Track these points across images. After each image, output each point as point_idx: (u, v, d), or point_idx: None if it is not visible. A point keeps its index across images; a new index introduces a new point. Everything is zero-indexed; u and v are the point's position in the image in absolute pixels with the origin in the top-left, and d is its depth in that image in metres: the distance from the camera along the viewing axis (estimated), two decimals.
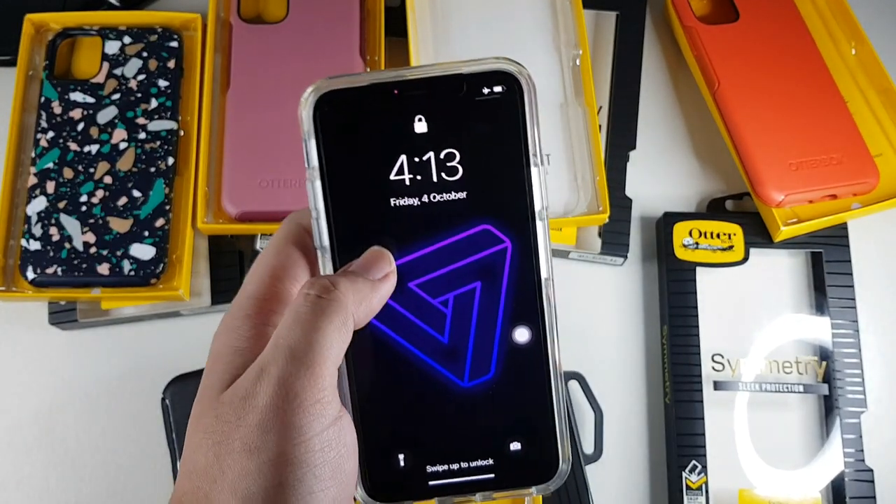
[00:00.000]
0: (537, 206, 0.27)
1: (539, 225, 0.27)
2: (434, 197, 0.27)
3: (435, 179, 0.27)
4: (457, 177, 0.27)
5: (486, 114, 0.27)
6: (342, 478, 0.24)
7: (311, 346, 0.23)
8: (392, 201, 0.27)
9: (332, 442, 0.23)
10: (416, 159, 0.27)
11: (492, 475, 0.27)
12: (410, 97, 0.26)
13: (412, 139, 0.27)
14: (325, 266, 0.27)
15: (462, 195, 0.27)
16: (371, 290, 0.25)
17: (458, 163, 0.27)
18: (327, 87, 0.26)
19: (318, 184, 0.26)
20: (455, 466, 0.27)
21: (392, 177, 0.27)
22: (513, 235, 0.27)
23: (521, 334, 0.27)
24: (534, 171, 0.27)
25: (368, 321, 0.26)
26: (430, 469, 0.27)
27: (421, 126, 0.27)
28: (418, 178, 0.27)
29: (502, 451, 0.27)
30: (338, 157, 0.27)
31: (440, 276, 0.27)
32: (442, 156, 0.27)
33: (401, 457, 0.27)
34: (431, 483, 0.27)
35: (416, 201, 0.27)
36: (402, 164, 0.27)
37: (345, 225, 0.27)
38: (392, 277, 0.26)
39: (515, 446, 0.27)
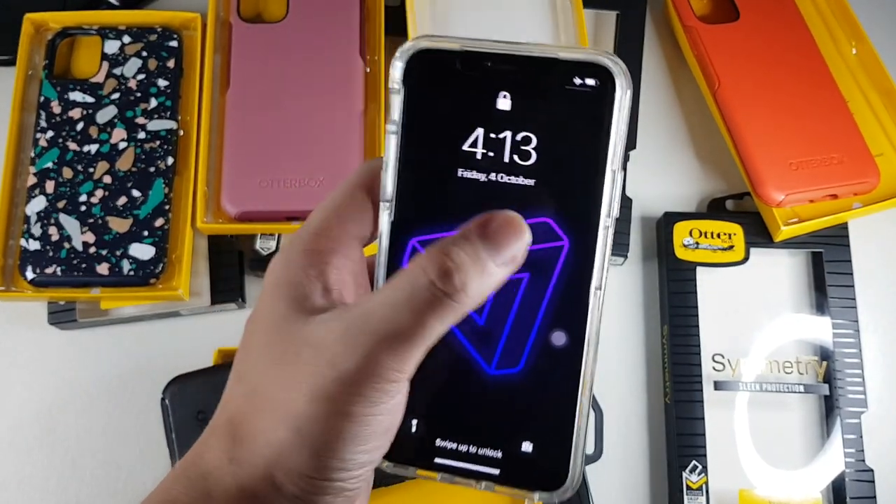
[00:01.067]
0: (604, 213, 0.26)
1: (601, 232, 0.26)
2: (501, 177, 0.26)
3: (506, 160, 0.26)
4: (529, 162, 0.26)
5: (574, 105, 0.25)
6: (385, 442, 0.24)
7: (412, 338, 0.22)
8: (459, 171, 0.26)
9: (389, 413, 0.23)
10: (493, 135, 0.26)
11: (498, 469, 0.27)
12: (500, 71, 0.25)
13: (493, 114, 0.26)
14: (383, 217, 0.26)
15: (530, 182, 0.26)
16: (494, 282, 0.23)
17: (534, 148, 0.26)
18: (423, 46, 0.26)
19: (394, 139, 0.26)
20: (464, 449, 0.27)
21: (465, 147, 0.26)
22: (573, 236, 0.26)
23: (559, 338, 0.26)
24: (609, 176, 0.25)
25: None
26: (439, 444, 0.27)
27: (504, 103, 0.26)
28: (490, 154, 0.26)
29: (513, 448, 0.27)
30: (419, 115, 0.26)
31: None
32: (519, 138, 0.26)
33: (414, 422, 0.26)
34: (438, 459, 0.27)
35: (483, 177, 0.26)
36: (477, 137, 0.26)
37: (409, 183, 0.26)
38: (520, 260, 0.24)
39: (527, 447, 0.27)
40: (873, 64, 0.59)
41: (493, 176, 0.26)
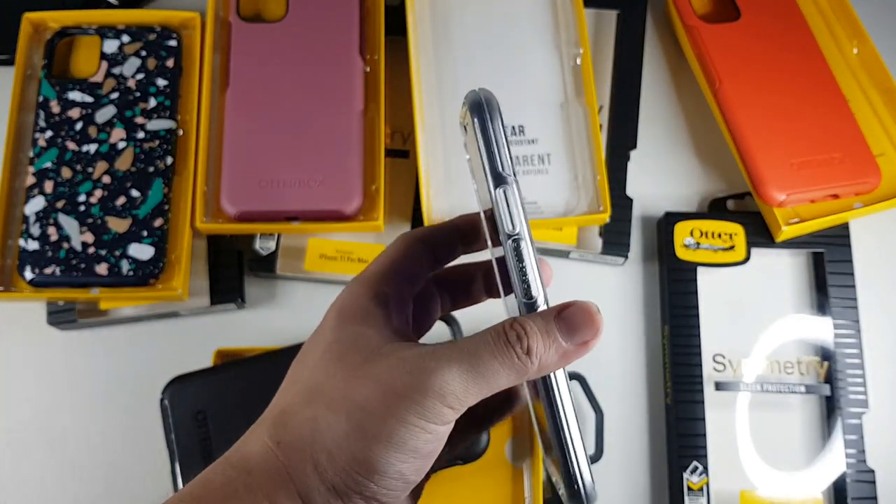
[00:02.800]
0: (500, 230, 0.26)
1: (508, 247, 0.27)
2: None
3: None
4: None
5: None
6: (423, 465, 0.26)
7: (480, 374, 0.25)
8: None
9: (435, 437, 0.25)
10: None
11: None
12: None
13: None
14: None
15: None
16: (561, 356, 0.25)
17: None
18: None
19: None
20: None
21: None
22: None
23: None
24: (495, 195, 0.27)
25: None
26: None
27: None
28: None
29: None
30: None
31: None
32: None
33: None
34: None
35: None
36: None
37: None
38: (591, 346, 0.26)
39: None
40: (874, 63, 0.59)
41: None
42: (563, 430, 0.26)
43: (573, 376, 0.53)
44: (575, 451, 0.26)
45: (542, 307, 0.26)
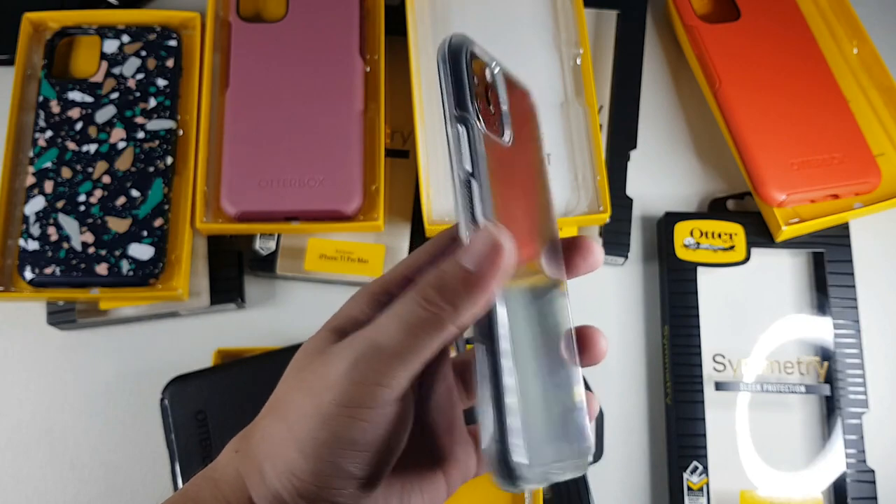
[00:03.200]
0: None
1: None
2: None
3: None
4: None
5: None
6: (386, 453, 0.25)
7: (397, 347, 0.24)
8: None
9: (383, 422, 0.25)
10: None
11: None
12: None
13: None
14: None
15: None
16: (475, 302, 0.24)
17: None
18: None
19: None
20: None
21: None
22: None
23: None
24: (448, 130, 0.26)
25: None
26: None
27: None
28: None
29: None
30: None
31: None
32: None
33: None
34: None
35: None
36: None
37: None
38: (499, 265, 0.24)
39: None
40: (874, 63, 0.59)
41: None
42: (498, 375, 0.24)
43: None
44: (506, 407, 0.24)
45: None
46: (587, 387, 0.33)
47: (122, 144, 0.54)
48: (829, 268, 0.55)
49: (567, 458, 0.27)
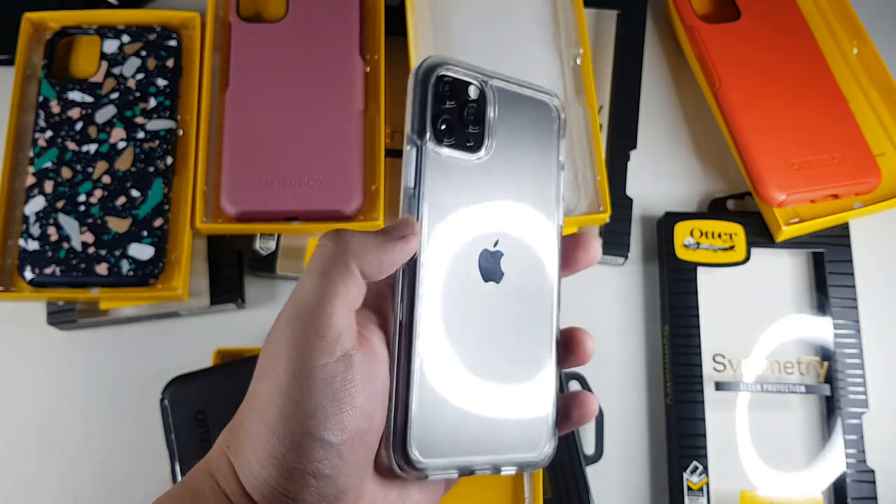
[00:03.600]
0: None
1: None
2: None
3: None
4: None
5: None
6: (351, 410, 0.25)
7: (314, 291, 0.26)
8: None
9: (336, 374, 0.25)
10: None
11: None
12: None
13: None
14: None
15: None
16: (379, 248, 0.27)
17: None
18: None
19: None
20: None
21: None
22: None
23: None
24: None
25: (385, 275, 0.27)
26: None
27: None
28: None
29: None
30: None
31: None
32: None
33: None
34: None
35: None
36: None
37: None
38: (410, 241, 0.27)
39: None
40: (874, 63, 0.59)
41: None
42: (401, 355, 0.26)
43: (573, 376, 0.53)
44: (409, 386, 0.27)
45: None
46: (586, 387, 0.34)
47: (122, 144, 0.54)
48: (829, 268, 0.55)
49: (497, 453, 0.28)
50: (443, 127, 0.28)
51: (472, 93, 0.29)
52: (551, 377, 0.30)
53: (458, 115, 0.29)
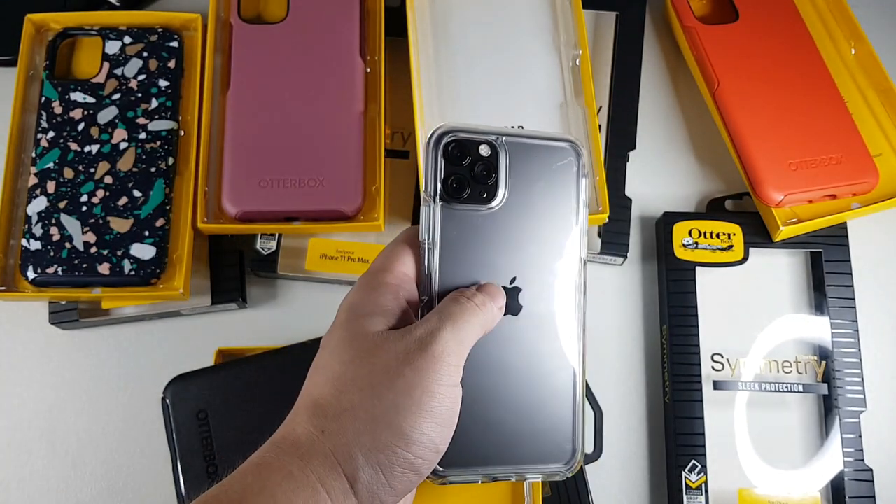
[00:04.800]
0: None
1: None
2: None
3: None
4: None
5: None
6: (444, 429, 0.30)
7: (464, 339, 0.30)
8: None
9: (450, 408, 0.29)
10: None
11: None
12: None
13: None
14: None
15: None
16: (493, 316, 0.32)
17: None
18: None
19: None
20: None
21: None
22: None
23: None
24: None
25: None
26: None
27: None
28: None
29: None
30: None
31: None
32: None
33: None
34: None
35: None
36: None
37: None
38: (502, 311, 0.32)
39: None
40: (872, 64, 0.59)
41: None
42: None
43: None
44: None
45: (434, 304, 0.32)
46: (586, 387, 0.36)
47: (123, 145, 0.54)
48: (826, 267, 0.56)
49: (512, 464, 0.32)
50: (454, 186, 0.32)
51: (484, 151, 0.32)
52: (573, 394, 0.34)
53: (469, 173, 0.32)
